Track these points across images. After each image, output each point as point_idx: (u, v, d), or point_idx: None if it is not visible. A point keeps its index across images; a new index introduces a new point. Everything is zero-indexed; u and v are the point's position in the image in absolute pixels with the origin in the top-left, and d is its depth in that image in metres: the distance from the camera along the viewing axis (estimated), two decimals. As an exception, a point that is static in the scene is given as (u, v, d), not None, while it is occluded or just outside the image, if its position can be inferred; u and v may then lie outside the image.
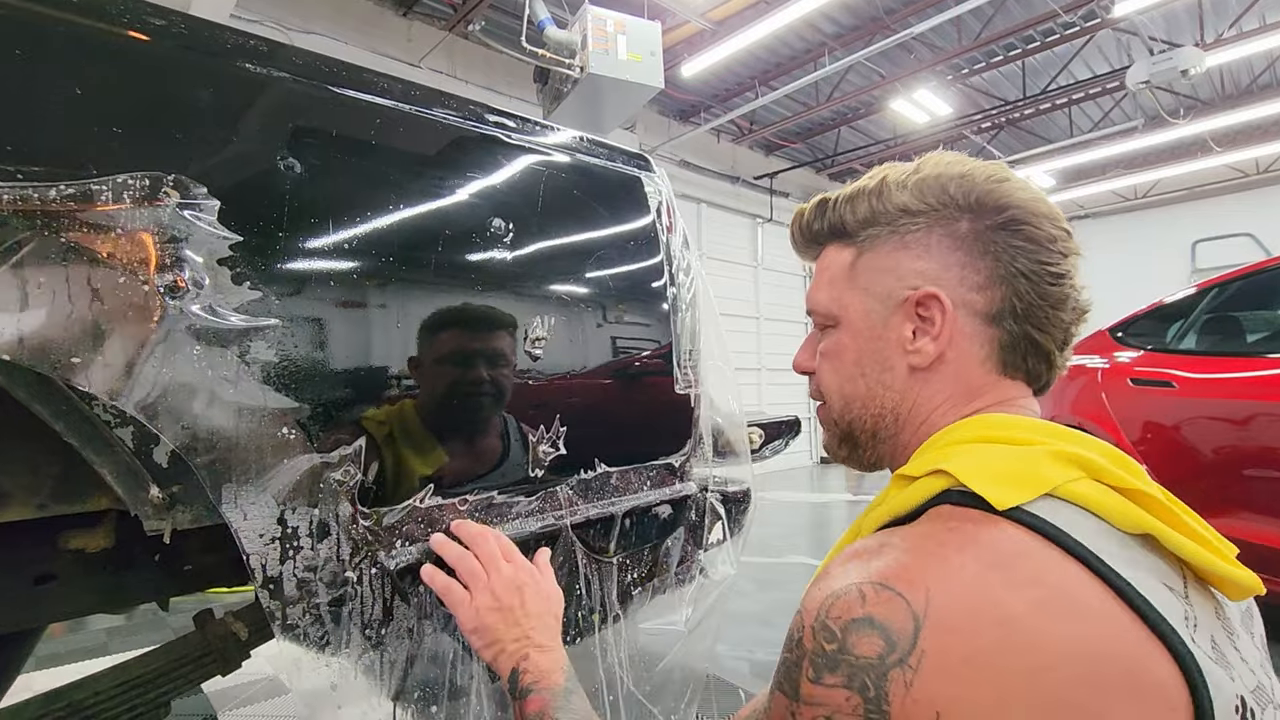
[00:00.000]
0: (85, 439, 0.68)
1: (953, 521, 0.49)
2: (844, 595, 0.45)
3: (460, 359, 0.90)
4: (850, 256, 0.67)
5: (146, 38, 0.68)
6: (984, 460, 0.52)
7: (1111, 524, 0.48)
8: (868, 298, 0.65)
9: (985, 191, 0.60)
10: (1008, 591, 0.42)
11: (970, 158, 0.65)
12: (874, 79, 8.06)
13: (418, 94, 0.89)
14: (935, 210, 0.62)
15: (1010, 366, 0.61)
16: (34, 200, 0.57)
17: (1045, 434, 0.55)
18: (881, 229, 0.65)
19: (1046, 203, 0.61)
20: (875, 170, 0.69)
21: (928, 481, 0.54)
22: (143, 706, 0.94)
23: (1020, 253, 0.59)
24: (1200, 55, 6.26)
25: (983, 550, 0.45)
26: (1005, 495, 0.48)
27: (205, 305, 0.66)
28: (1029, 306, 0.59)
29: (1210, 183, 10.90)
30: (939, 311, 0.61)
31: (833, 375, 0.68)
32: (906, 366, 0.63)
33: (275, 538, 0.72)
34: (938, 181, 0.62)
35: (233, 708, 2.15)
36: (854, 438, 0.68)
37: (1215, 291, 2.84)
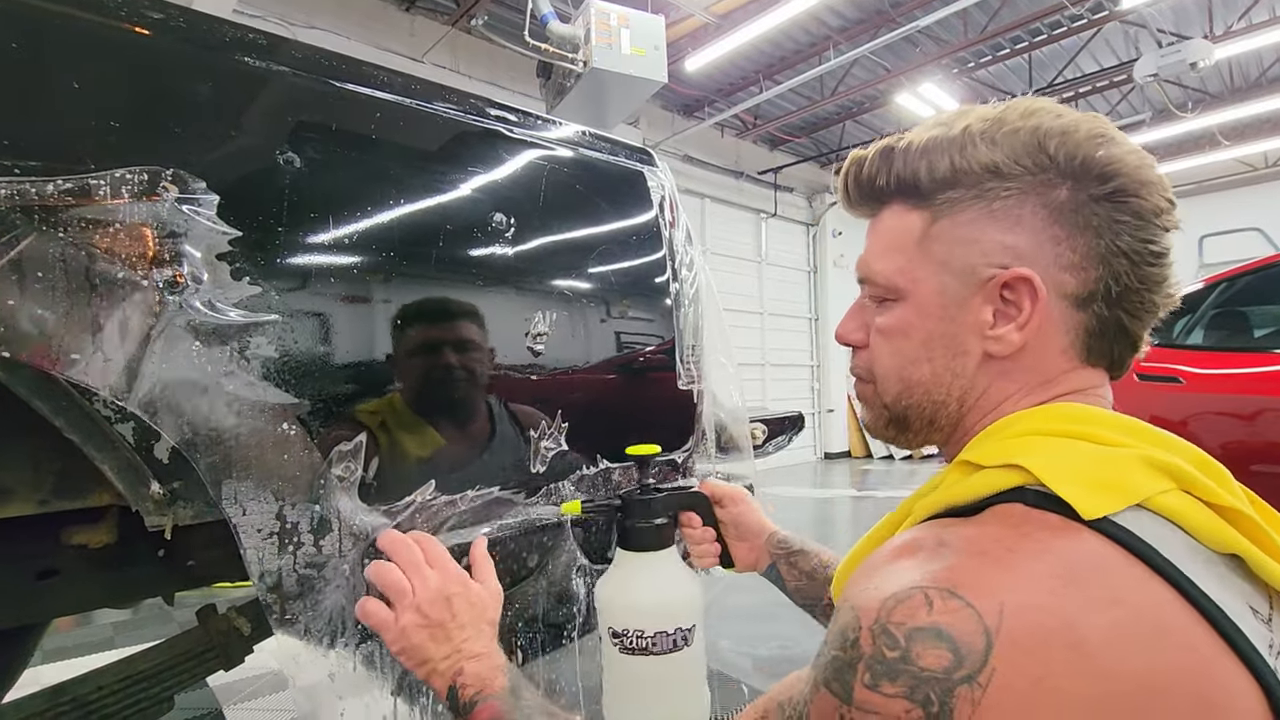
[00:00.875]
0: (86, 435, 0.68)
1: (1028, 526, 0.44)
2: (908, 599, 0.42)
3: (461, 355, 0.89)
4: (922, 222, 0.57)
5: (145, 31, 0.68)
6: (1068, 460, 0.47)
7: (1199, 540, 0.44)
8: (944, 273, 0.56)
9: (1090, 154, 0.52)
10: (1085, 612, 0.39)
11: (1064, 106, 0.56)
12: (879, 73, 8.01)
13: (418, 88, 0.88)
14: (1031, 174, 0.53)
15: (1094, 354, 0.55)
16: (31, 195, 0.57)
17: (1132, 434, 0.50)
18: (964, 192, 0.55)
19: (1153, 167, 0.54)
20: (953, 114, 0.59)
21: (999, 475, 0.48)
22: (146, 701, 0.95)
23: (1124, 229, 0.52)
24: (1209, 48, 6.21)
25: (1061, 563, 0.41)
26: (1092, 503, 0.43)
27: (204, 300, 0.66)
28: (1125, 290, 0.53)
29: (1218, 177, 10.83)
30: (1029, 297, 0.53)
31: (893, 356, 0.60)
32: (982, 353, 0.56)
33: (274, 533, 0.72)
34: (1034, 136, 0.53)
35: (238, 702, 2.16)
36: (907, 422, 0.61)
37: (1223, 286, 2.82)
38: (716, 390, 1.23)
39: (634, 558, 0.86)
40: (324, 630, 0.76)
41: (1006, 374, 0.56)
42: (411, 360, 0.84)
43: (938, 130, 0.57)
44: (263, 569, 0.71)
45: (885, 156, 0.60)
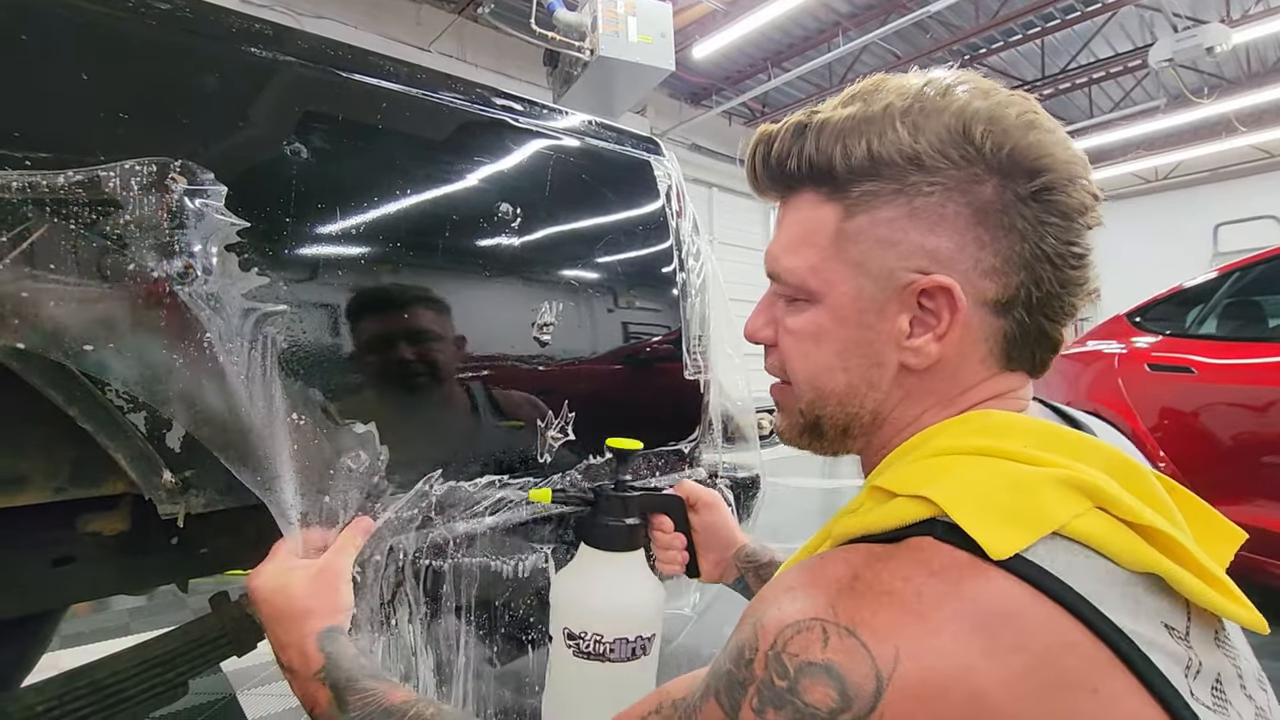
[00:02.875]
0: (99, 424, 0.68)
1: (937, 564, 0.42)
2: (806, 629, 0.41)
3: (470, 344, 0.90)
4: (837, 216, 0.53)
5: (152, 22, 0.68)
6: (978, 489, 0.44)
7: (1116, 563, 0.42)
8: (860, 276, 0.52)
9: (1022, 146, 0.48)
10: (987, 660, 0.38)
11: (988, 82, 0.51)
12: (889, 60, 7.93)
13: (424, 78, 0.88)
14: (956, 167, 0.49)
15: (1014, 360, 0.52)
16: (42, 187, 0.57)
17: (1049, 444, 0.48)
18: (884, 185, 0.50)
19: (1082, 158, 0.51)
20: (872, 84, 0.53)
21: (910, 505, 0.46)
22: (161, 685, 0.96)
23: (1049, 231, 0.49)
24: (1226, 32, 6.11)
25: (966, 608, 0.39)
26: (1001, 541, 0.41)
27: (213, 291, 0.66)
28: (1046, 295, 0.50)
29: (1234, 164, 10.67)
30: (948, 307, 0.50)
31: (804, 361, 0.57)
32: (898, 364, 0.53)
33: (286, 521, 0.72)
34: (959, 120, 0.49)
35: (251, 687, 2.19)
36: (820, 430, 0.58)
37: (1237, 276, 2.78)
38: (723, 380, 1.23)
39: (600, 557, 0.81)
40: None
41: (923, 385, 0.53)
42: (419, 350, 0.84)
43: (855, 106, 0.52)
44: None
45: (797, 135, 0.54)
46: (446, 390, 0.88)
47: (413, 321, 0.83)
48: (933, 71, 0.53)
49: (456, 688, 0.89)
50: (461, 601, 0.88)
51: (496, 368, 0.92)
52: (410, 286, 0.83)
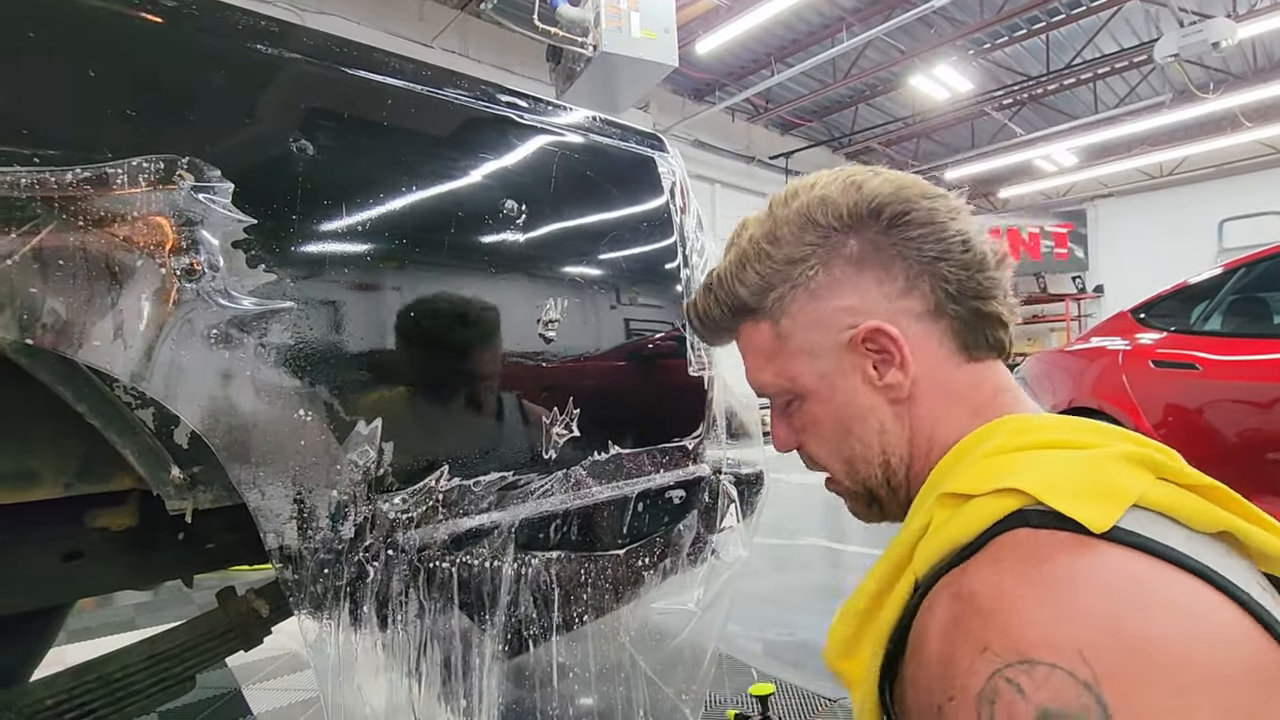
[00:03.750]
0: (107, 420, 0.69)
1: (1044, 550, 0.42)
2: (998, 697, 0.38)
3: (475, 341, 0.90)
4: (769, 329, 0.63)
5: (159, 19, 0.68)
6: (1054, 472, 0.46)
7: (1191, 527, 0.44)
8: (811, 358, 0.61)
9: (851, 203, 0.58)
10: (1155, 627, 0.38)
11: (816, 175, 0.63)
12: (893, 55, 7.90)
13: (429, 74, 0.88)
14: (818, 245, 0.59)
15: (973, 348, 0.59)
16: (51, 184, 0.58)
17: (1088, 431, 0.51)
18: (781, 289, 0.61)
19: (910, 181, 0.59)
20: (737, 229, 0.66)
21: (992, 501, 0.46)
22: (169, 680, 0.97)
23: (921, 240, 0.57)
24: (1232, 27, 6.07)
25: (1100, 583, 0.40)
26: (1097, 514, 0.42)
27: (220, 288, 0.66)
28: (959, 283, 0.57)
29: (1239, 159, 10.61)
30: (889, 341, 0.57)
31: (822, 445, 0.64)
32: (886, 402, 0.60)
33: (292, 517, 0.73)
34: (801, 216, 0.60)
35: (256, 682, 2.20)
36: (874, 494, 0.63)
37: (1242, 272, 2.77)
38: (727, 377, 1.24)
39: None
40: (342, 613, 0.78)
41: (917, 409, 0.59)
42: (424, 346, 0.84)
43: (732, 253, 0.65)
44: (281, 553, 0.72)
45: (708, 293, 0.67)
46: (452, 386, 0.88)
47: (419, 319, 0.83)
48: (772, 195, 0.64)
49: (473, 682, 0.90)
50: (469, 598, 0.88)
51: (502, 364, 0.92)
52: (416, 283, 0.83)
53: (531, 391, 0.95)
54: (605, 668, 1.12)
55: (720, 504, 1.21)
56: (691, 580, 1.20)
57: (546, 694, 1.06)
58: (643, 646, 1.19)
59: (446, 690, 0.89)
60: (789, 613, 2.93)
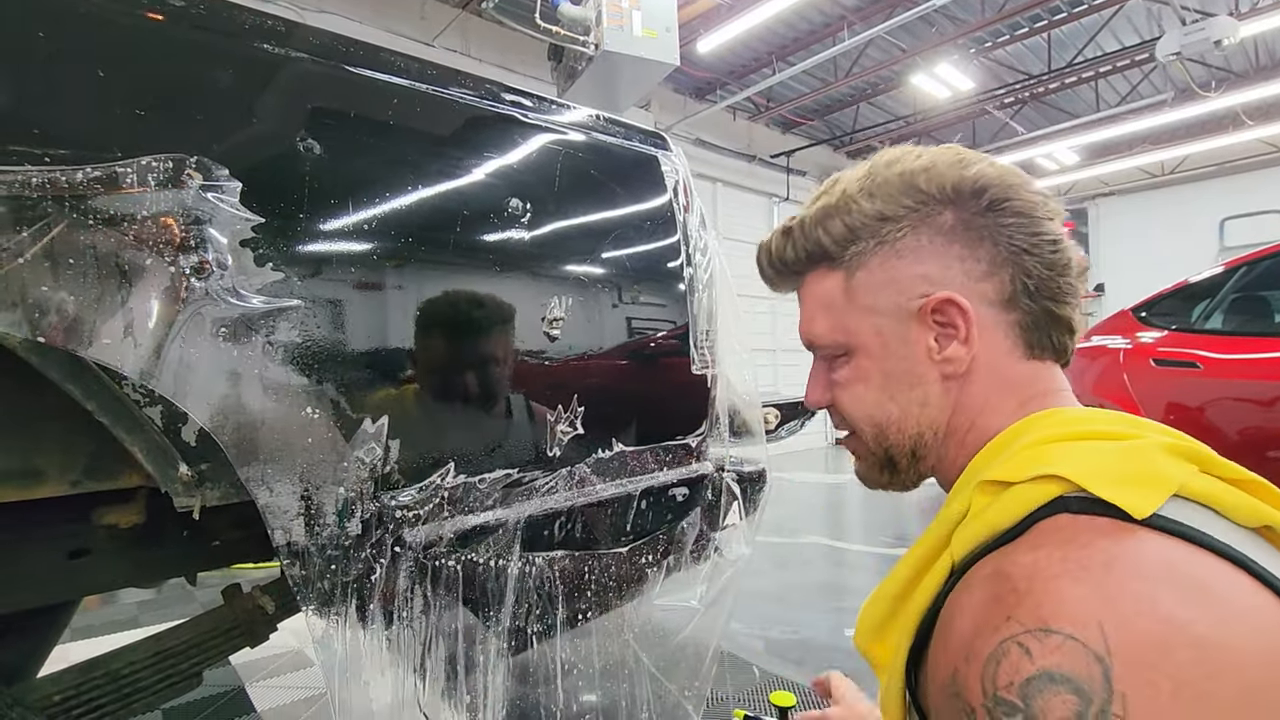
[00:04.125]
0: (116, 418, 0.69)
1: (1085, 536, 0.42)
2: (1005, 657, 0.39)
3: (480, 339, 0.91)
4: (841, 279, 0.62)
5: (166, 18, 0.69)
6: (1097, 460, 0.46)
7: (1232, 520, 0.44)
8: (876, 316, 0.61)
9: (957, 178, 0.58)
10: (1185, 610, 0.37)
11: (918, 147, 0.62)
12: (894, 53, 7.89)
13: (434, 73, 0.88)
14: (914, 210, 0.59)
15: (1036, 347, 0.59)
16: (62, 183, 0.58)
17: (1132, 424, 0.51)
18: (865, 243, 0.61)
19: (1016, 172, 0.59)
20: (829, 183, 0.65)
21: (1034, 488, 0.47)
22: (176, 676, 0.98)
23: (1014, 229, 0.57)
24: (1235, 25, 6.06)
25: (1136, 566, 0.40)
26: (1138, 500, 0.42)
27: (229, 286, 0.67)
28: (1040, 281, 0.57)
29: (1241, 158, 10.59)
30: (958, 314, 0.57)
31: (858, 404, 0.64)
32: (939, 376, 0.59)
33: (299, 514, 0.73)
34: (903, 180, 0.59)
35: (259, 679, 2.21)
36: (894, 462, 0.64)
37: (1243, 270, 2.77)
38: (730, 375, 1.24)
39: None
40: (349, 610, 0.78)
41: (967, 389, 0.59)
42: (430, 344, 0.85)
43: (822, 200, 0.63)
44: (289, 550, 0.72)
45: (787, 235, 0.66)
46: (457, 384, 0.89)
47: (425, 317, 0.84)
48: (873, 155, 0.64)
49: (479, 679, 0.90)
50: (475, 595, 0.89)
51: (506, 362, 0.92)
52: (422, 281, 0.84)
53: (536, 389, 0.96)
54: (609, 664, 1.12)
55: (723, 501, 1.21)
56: (695, 577, 1.20)
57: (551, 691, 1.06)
58: (646, 643, 1.19)
59: (451, 687, 0.89)
60: (791, 611, 2.93)
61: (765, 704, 1.88)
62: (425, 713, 0.86)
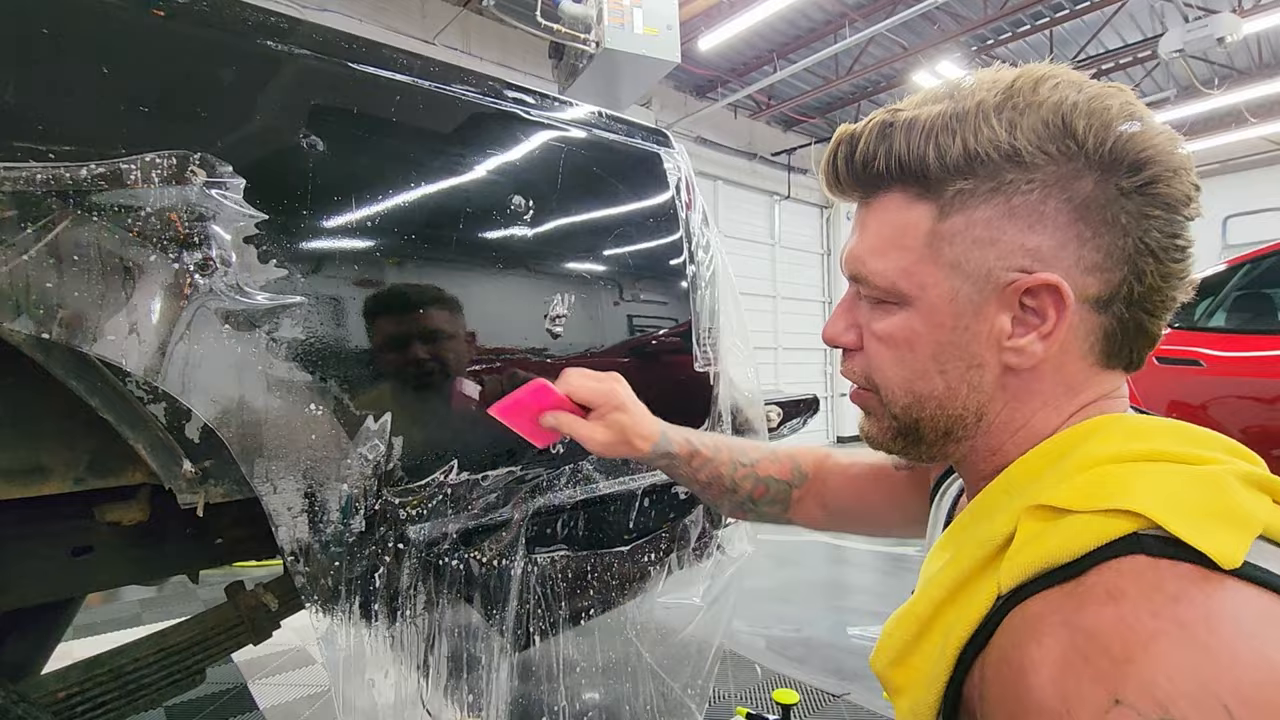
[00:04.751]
0: (120, 415, 0.69)
1: (1170, 584, 0.38)
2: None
3: (483, 336, 0.90)
4: (930, 217, 0.50)
5: (170, 15, 0.69)
6: (1173, 493, 0.41)
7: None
8: (955, 277, 0.50)
9: (1124, 139, 0.46)
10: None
11: (1079, 74, 0.50)
12: (895, 51, 7.88)
13: (437, 70, 0.88)
14: (1055, 163, 0.47)
15: (1114, 357, 0.51)
16: (66, 180, 0.58)
17: (1190, 442, 0.47)
18: (979, 183, 0.48)
19: (1184, 148, 0.48)
20: (959, 82, 0.51)
21: (1101, 521, 0.42)
22: (180, 673, 0.98)
23: (1153, 224, 0.47)
24: (1237, 22, 6.05)
25: (1238, 624, 0.36)
26: (1226, 546, 0.38)
27: (232, 283, 0.67)
28: (1148, 289, 0.48)
29: (1244, 155, 10.57)
30: (1054, 305, 0.48)
31: (897, 367, 0.54)
32: (999, 364, 0.51)
33: (303, 511, 0.73)
34: (1058, 115, 0.47)
35: (261, 677, 2.21)
36: (919, 434, 0.55)
37: (1247, 268, 2.77)
38: (733, 372, 1.24)
39: None
40: (353, 607, 0.78)
41: (1027, 386, 0.51)
42: (432, 341, 0.85)
43: (945, 104, 0.50)
44: (293, 546, 0.73)
45: (884, 134, 0.52)
46: (460, 380, 0.88)
47: (428, 313, 0.84)
48: (1025, 67, 0.51)
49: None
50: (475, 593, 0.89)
51: (510, 359, 0.92)
52: (425, 279, 0.84)
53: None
54: (612, 662, 1.13)
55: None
56: (698, 575, 1.20)
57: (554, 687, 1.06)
58: (648, 640, 1.19)
59: (455, 684, 0.89)
60: (793, 609, 2.93)
61: (768, 702, 1.88)
62: (429, 709, 0.86)
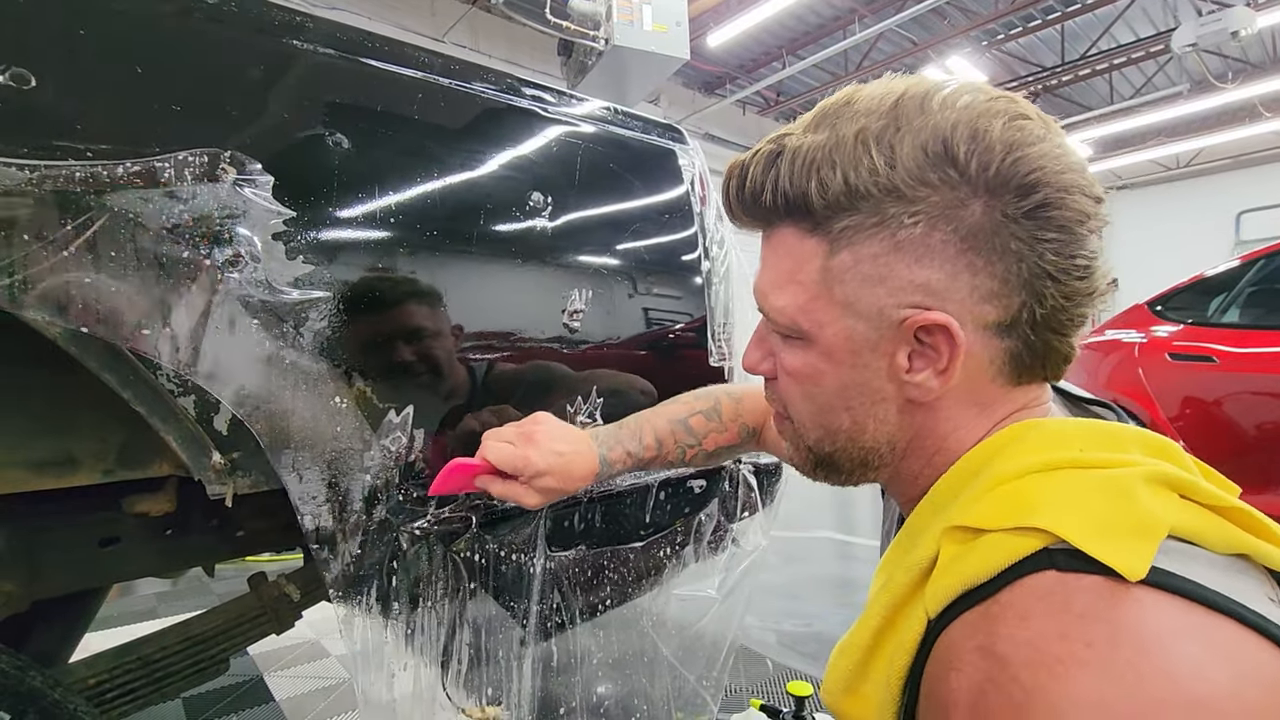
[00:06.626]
0: (151, 407, 0.71)
1: (1077, 601, 0.38)
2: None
3: (502, 331, 0.92)
4: (820, 253, 0.50)
5: (199, 15, 0.70)
6: (1081, 505, 0.42)
7: (1209, 550, 0.41)
8: (849, 315, 0.50)
9: (1009, 162, 0.44)
10: (1209, 686, 0.35)
11: (971, 84, 0.48)
12: (905, 47, 7.85)
13: (459, 68, 0.89)
14: (938, 192, 0.46)
15: (1024, 377, 0.50)
16: (103, 178, 0.59)
17: (1100, 443, 0.46)
18: (863, 219, 0.47)
19: (1079, 162, 0.46)
20: (842, 102, 0.50)
21: (1011, 540, 0.42)
22: (205, 662, 1.00)
23: (1048, 247, 0.45)
24: (1252, 16, 5.99)
25: (1141, 643, 0.36)
26: (1130, 557, 0.38)
27: (262, 278, 0.68)
28: (1051, 311, 0.47)
29: (1257, 150, 10.47)
30: (946, 342, 0.47)
31: (805, 401, 0.55)
32: (901, 398, 0.51)
33: (327, 501, 0.75)
34: (939, 139, 0.45)
35: (277, 669, 2.24)
36: (835, 465, 0.56)
37: (1261, 264, 2.75)
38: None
39: None
40: (374, 599, 0.80)
41: (935, 414, 0.51)
42: (453, 335, 0.86)
43: (825, 133, 0.48)
44: (317, 537, 0.74)
45: (769, 166, 0.51)
46: (480, 375, 0.90)
47: (449, 308, 0.85)
48: (907, 77, 0.49)
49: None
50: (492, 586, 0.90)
51: (528, 353, 0.94)
52: (447, 275, 0.85)
53: (557, 381, 0.97)
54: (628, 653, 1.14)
55: (739, 493, 1.22)
56: (712, 567, 1.22)
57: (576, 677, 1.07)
58: (664, 633, 1.21)
59: (475, 673, 0.91)
60: (802, 604, 2.94)
61: (781, 695, 1.89)
62: (449, 695, 0.88)
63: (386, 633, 0.82)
